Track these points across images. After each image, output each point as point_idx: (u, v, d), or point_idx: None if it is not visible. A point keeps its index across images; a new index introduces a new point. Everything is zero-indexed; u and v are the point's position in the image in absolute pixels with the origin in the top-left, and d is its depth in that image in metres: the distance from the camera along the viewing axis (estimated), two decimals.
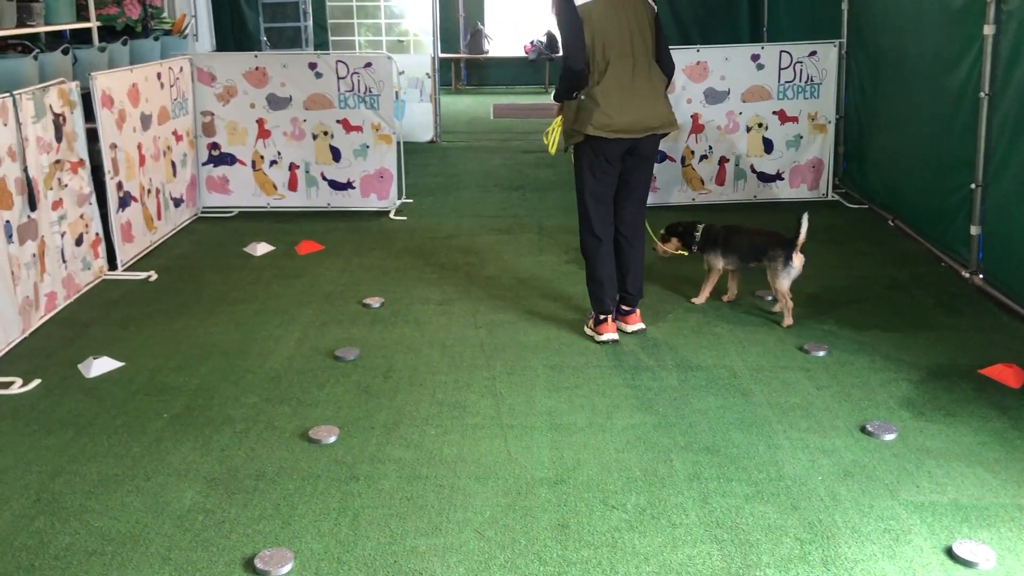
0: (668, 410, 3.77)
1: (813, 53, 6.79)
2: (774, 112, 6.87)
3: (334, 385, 4.06)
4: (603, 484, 3.24)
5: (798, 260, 4.53)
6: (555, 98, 4.40)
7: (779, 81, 6.82)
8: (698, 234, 4.83)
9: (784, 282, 4.55)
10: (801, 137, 6.92)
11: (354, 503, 3.14)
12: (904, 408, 3.74)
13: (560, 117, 4.42)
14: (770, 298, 4.91)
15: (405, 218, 6.93)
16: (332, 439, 3.57)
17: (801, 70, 6.79)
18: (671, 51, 4.41)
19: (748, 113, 6.86)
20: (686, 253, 4.90)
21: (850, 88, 7.13)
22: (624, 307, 4.56)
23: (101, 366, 4.20)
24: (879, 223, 6.47)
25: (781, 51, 6.80)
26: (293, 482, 3.27)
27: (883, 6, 6.53)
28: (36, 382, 4.07)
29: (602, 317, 4.44)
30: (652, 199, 6.96)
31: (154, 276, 5.53)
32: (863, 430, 3.56)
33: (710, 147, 6.94)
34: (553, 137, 4.44)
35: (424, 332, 4.67)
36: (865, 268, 5.54)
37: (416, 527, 3.00)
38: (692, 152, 6.95)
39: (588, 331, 4.52)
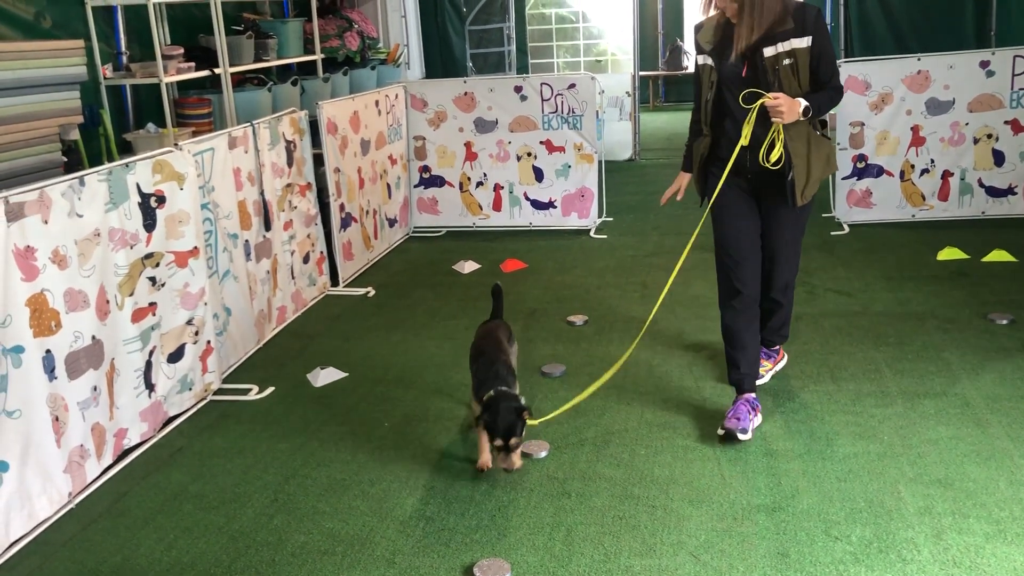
0: (894, 439, 3.56)
1: None
2: (1006, 122, 6.37)
3: (542, 400, 4.13)
4: (824, 513, 3.10)
5: None
6: (814, 114, 3.46)
7: (1012, 88, 6.31)
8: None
9: None
10: None
11: (567, 519, 3.17)
12: None
13: (802, 144, 3.50)
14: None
15: (606, 236, 6.96)
16: (543, 454, 3.63)
17: None
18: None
19: (975, 124, 6.40)
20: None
21: None
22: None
23: (328, 376, 4.48)
24: None
25: (1015, 56, 6.30)
26: (507, 494, 3.35)
27: None
28: (270, 389, 4.39)
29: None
30: (870, 215, 6.68)
31: (372, 292, 5.84)
32: None
33: (932, 160, 6.52)
34: (777, 153, 3.46)
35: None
36: None
37: (630, 547, 2.99)
38: (912, 166, 6.56)
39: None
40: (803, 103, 3.38)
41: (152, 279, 3.84)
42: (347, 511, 3.29)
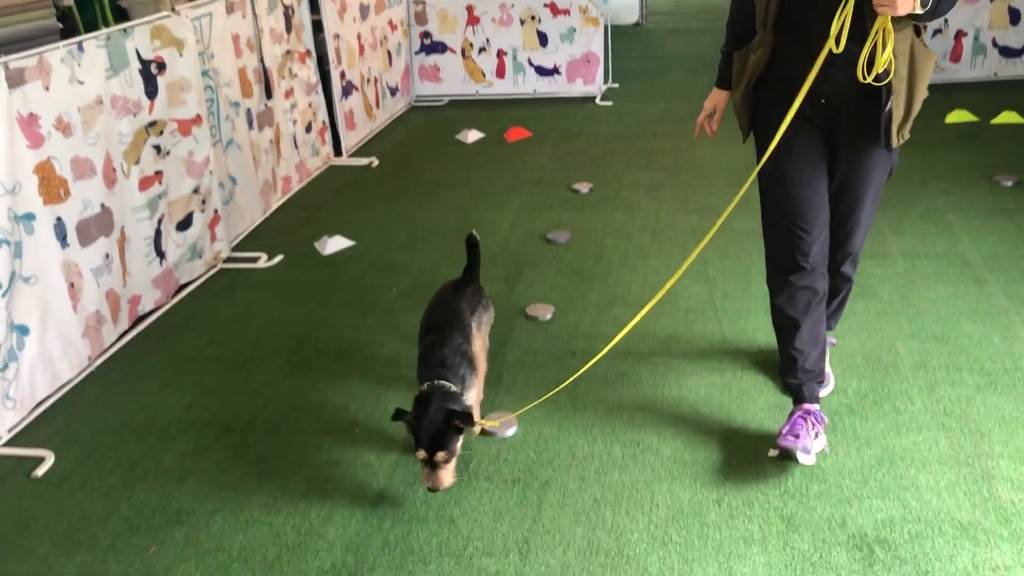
0: (893, 298, 3.63)
1: None
2: None
3: (547, 267, 4.18)
4: None
5: None
6: (931, 12, 2.33)
7: None
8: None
9: None
10: None
11: (571, 376, 3.27)
12: None
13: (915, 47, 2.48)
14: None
15: (611, 103, 6.87)
16: (548, 316, 3.71)
17: None
18: None
19: None
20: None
21: None
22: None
23: (335, 244, 4.53)
24: None
25: None
26: (514, 354, 3.44)
27: None
28: (279, 258, 4.45)
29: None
30: None
31: (375, 162, 5.83)
32: None
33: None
34: (885, 61, 2.37)
35: (634, 217, 4.68)
36: None
37: (632, 401, 3.10)
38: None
39: None
40: None
41: (157, 147, 3.84)
42: (359, 371, 3.40)
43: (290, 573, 2.40)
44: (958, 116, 5.76)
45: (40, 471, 2.88)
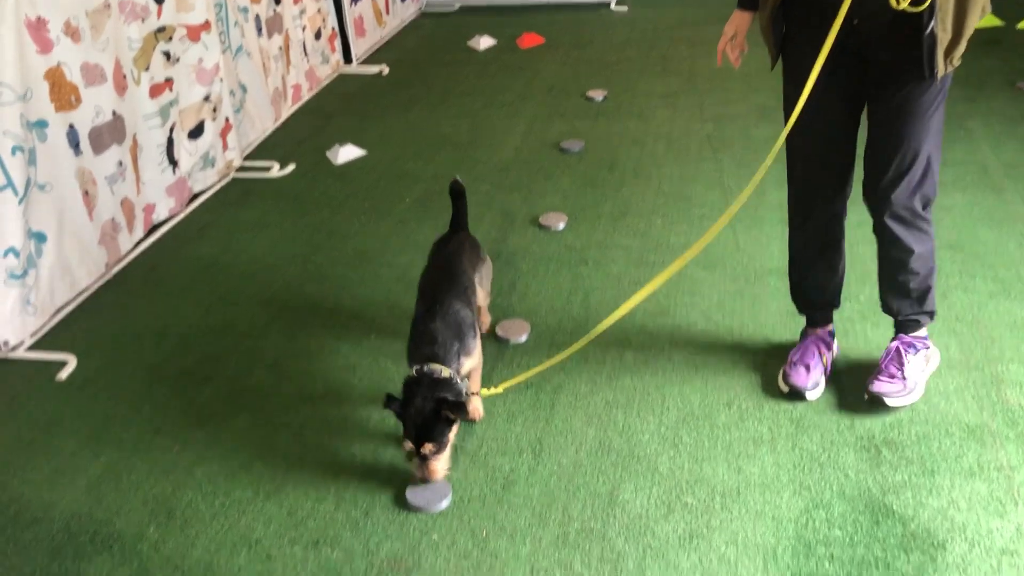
0: None
1: None
2: None
3: (560, 176, 4.16)
4: None
5: None
6: None
7: None
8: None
9: None
10: None
11: (584, 284, 3.29)
12: None
13: None
14: None
15: (626, 8, 6.72)
16: (561, 226, 3.70)
17: None
18: None
19: None
20: None
21: None
22: None
23: (346, 153, 4.51)
24: None
25: None
26: (527, 263, 3.46)
27: None
28: (291, 167, 4.44)
29: None
30: None
31: (386, 70, 5.75)
32: None
33: None
34: None
35: (648, 125, 4.63)
36: None
37: (644, 307, 3.11)
38: None
39: None
40: None
41: (167, 54, 3.79)
42: (374, 279, 3.42)
43: (309, 470, 2.47)
44: (984, 21, 5.60)
45: (63, 374, 2.94)
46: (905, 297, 2.53)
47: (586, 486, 2.35)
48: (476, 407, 2.58)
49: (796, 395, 2.60)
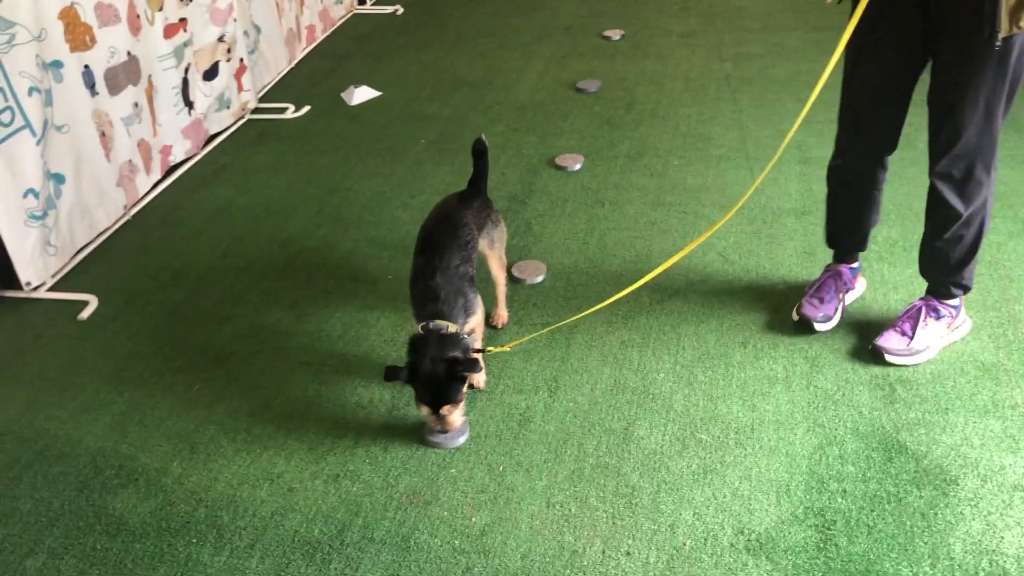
0: None
1: None
2: None
3: (577, 116, 4.13)
4: None
5: None
6: None
7: None
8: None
9: None
10: None
11: (600, 225, 3.29)
12: None
13: None
14: None
15: None
16: (577, 166, 3.69)
17: None
18: None
19: None
20: None
21: None
22: None
23: (361, 95, 4.48)
24: None
25: None
26: (543, 204, 3.45)
27: None
28: (306, 108, 4.42)
29: None
30: None
31: (400, 10, 5.68)
32: None
33: None
34: None
35: (666, 65, 4.57)
36: None
37: (660, 248, 3.12)
38: None
39: None
40: None
41: None
42: (390, 221, 3.43)
43: (329, 408, 2.51)
44: None
45: (85, 314, 2.98)
46: (941, 262, 2.47)
47: (601, 423, 2.37)
48: (479, 378, 2.52)
49: (805, 325, 2.62)
